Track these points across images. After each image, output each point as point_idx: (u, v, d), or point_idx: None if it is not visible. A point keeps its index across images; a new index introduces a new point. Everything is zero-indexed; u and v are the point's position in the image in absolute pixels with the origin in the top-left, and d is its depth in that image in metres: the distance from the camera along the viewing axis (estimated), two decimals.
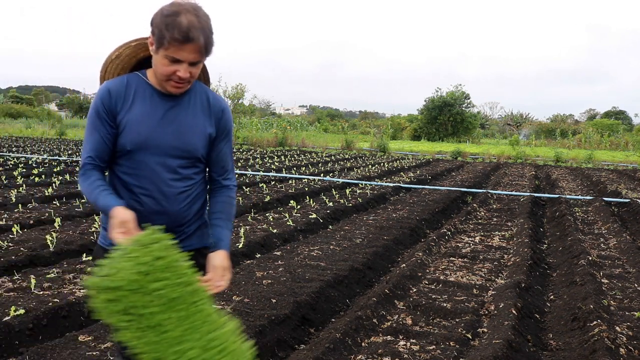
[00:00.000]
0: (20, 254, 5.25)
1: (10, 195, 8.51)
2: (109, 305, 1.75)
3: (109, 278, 1.74)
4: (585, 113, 68.33)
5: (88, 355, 3.30)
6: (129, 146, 2.03)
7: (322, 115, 66.11)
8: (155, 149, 2.05)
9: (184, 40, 1.90)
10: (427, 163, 20.09)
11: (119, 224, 1.88)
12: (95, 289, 1.75)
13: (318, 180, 12.54)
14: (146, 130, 2.03)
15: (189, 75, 1.99)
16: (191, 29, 1.89)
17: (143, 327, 1.78)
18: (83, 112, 59.77)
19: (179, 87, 2.02)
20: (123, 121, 2.03)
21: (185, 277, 1.86)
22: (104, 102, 2.03)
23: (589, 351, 3.56)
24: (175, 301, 1.82)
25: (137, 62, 2.18)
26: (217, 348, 1.89)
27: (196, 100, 2.13)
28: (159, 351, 1.80)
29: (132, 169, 2.06)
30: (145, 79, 2.09)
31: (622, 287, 5.25)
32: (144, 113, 2.04)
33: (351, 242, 6.58)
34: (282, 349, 3.67)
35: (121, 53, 2.13)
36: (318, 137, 32.92)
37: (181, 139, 2.07)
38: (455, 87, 42.38)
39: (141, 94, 2.06)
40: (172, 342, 1.82)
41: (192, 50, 1.93)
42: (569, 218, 8.47)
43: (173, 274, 1.82)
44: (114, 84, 2.06)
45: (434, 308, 4.45)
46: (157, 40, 1.94)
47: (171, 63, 1.95)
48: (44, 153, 17.76)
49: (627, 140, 34.14)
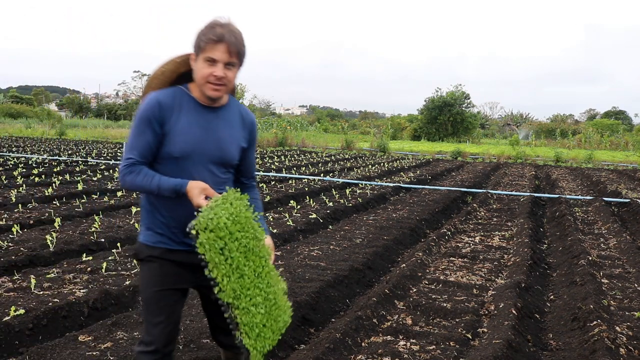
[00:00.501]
0: (20, 254, 5.25)
1: (10, 195, 8.51)
2: (212, 244, 2.08)
3: (210, 221, 2.07)
4: (585, 113, 68.37)
5: (88, 355, 3.30)
6: (175, 153, 2.27)
7: (322, 115, 66.11)
8: (199, 157, 2.30)
9: (218, 40, 2.19)
10: (427, 163, 20.09)
11: (200, 190, 2.20)
12: (200, 228, 2.07)
13: (318, 180, 12.54)
14: (192, 140, 2.28)
15: (224, 76, 2.23)
16: (224, 33, 2.21)
17: (230, 269, 2.13)
18: (83, 112, 59.80)
19: (216, 88, 2.26)
20: (171, 130, 2.27)
21: (257, 234, 2.27)
22: (154, 112, 2.26)
23: (589, 351, 3.56)
24: (250, 252, 2.22)
25: (178, 77, 2.40)
26: (273, 301, 2.29)
27: (233, 114, 2.41)
28: (236, 291, 2.15)
29: (175, 173, 2.29)
30: (189, 92, 2.33)
31: (622, 287, 5.25)
32: (190, 124, 2.29)
33: (351, 242, 6.58)
34: (282, 349, 3.67)
35: (166, 69, 2.39)
36: (318, 137, 32.91)
37: (221, 148, 2.34)
38: (455, 87, 42.40)
39: (186, 106, 2.30)
40: (246, 286, 2.19)
41: (224, 50, 2.21)
42: (569, 218, 8.47)
43: (250, 228, 2.24)
44: (163, 95, 2.30)
45: (434, 308, 4.45)
46: (196, 47, 2.24)
47: (209, 65, 2.22)
48: (44, 153, 17.77)
49: (627, 140, 34.14)
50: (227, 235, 2.12)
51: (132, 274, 4.91)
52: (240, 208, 2.22)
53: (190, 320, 3.90)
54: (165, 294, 2.34)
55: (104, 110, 59.47)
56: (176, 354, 3.36)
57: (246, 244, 2.20)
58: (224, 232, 2.11)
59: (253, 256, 2.23)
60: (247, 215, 2.25)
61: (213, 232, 2.08)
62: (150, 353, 2.33)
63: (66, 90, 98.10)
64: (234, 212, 2.17)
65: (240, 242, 2.18)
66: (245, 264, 2.19)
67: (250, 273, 2.21)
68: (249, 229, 2.24)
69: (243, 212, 2.22)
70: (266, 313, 2.26)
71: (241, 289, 2.17)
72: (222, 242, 2.11)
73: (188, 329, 3.75)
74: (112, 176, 11.90)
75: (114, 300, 4.26)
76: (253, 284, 2.22)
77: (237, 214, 2.18)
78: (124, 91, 67.72)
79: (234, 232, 2.15)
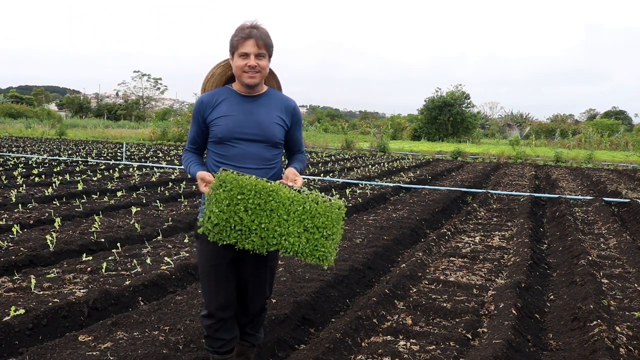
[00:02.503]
0: (20, 254, 5.25)
1: (10, 195, 8.51)
2: (229, 190, 2.56)
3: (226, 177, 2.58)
4: (585, 113, 68.34)
5: (88, 355, 3.30)
6: (220, 134, 2.77)
7: (322, 115, 66.13)
8: (242, 137, 2.77)
9: (247, 37, 2.71)
10: (427, 163, 20.09)
11: (200, 181, 2.71)
12: (218, 188, 2.57)
13: (318, 180, 12.54)
14: (232, 123, 2.77)
15: (256, 65, 2.72)
16: (252, 31, 2.72)
17: (257, 214, 2.57)
18: (83, 112, 59.78)
19: (252, 75, 2.74)
20: (214, 118, 2.79)
21: (272, 194, 2.60)
22: (199, 109, 2.84)
23: (589, 351, 3.56)
24: (271, 211, 2.60)
25: (227, 79, 2.98)
26: (318, 223, 2.64)
27: (273, 101, 2.88)
28: (268, 229, 2.59)
29: (224, 151, 2.79)
30: (231, 88, 2.87)
31: (622, 287, 5.25)
32: (231, 111, 2.79)
33: (351, 242, 6.58)
34: (282, 349, 3.67)
35: (215, 72, 2.96)
36: (318, 137, 32.92)
37: (262, 128, 2.79)
38: (455, 87, 42.43)
39: (228, 98, 2.82)
40: (275, 224, 2.60)
41: (253, 44, 2.70)
42: (569, 218, 8.47)
43: (263, 195, 2.59)
44: (206, 95, 2.86)
45: (434, 308, 4.45)
46: (231, 47, 2.77)
47: (243, 59, 2.72)
48: (44, 153, 17.76)
49: (627, 140, 34.14)
50: (244, 198, 2.57)
51: (132, 274, 4.91)
52: (244, 183, 2.59)
53: (190, 320, 3.90)
54: (216, 267, 2.80)
55: (104, 110, 59.46)
56: (176, 353, 3.37)
57: (265, 207, 2.59)
58: (241, 194, 2.57)
59: (276, 208, 2.60)
60: (254, 182, 2.59)
61: (230, 183, 2.57)
62: (206, 317, 2.85)
63: (66, 90, 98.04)
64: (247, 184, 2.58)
65: (257, 207, 2.58)
66: (268, 212, 2.59)
67: (272, 217, 2.59)
68: (260, 198, 2.59)
69: (254, 184, 2.59)
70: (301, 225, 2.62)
71: (273, 226, 2.60)
72: (246, 203, 2.57)
73: (188, 328, 3.75)
74: (112, 176, 11.90)
75: (114, 300, 4.26)
76: (282, 222, 2.60)
77: (248, 186, 2.58)
78: (124, 91, 67.69)
79: (248, 197, 2.58)
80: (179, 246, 5.98)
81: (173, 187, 10.60)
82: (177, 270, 5.01)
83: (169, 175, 12.38)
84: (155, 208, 8.25)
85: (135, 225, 6.73)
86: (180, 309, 4.14)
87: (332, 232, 2.67)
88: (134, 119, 55.87)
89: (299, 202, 2.63)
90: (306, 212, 2.63)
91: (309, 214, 2.63)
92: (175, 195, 9.44)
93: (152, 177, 11.91)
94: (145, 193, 9.82)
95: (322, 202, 2.67)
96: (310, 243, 2.64)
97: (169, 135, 29.30)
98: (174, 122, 32.55)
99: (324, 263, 2.66)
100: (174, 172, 13.27)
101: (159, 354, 3.33)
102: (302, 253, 2.64)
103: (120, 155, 18.24)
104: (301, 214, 2.62)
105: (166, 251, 5.75)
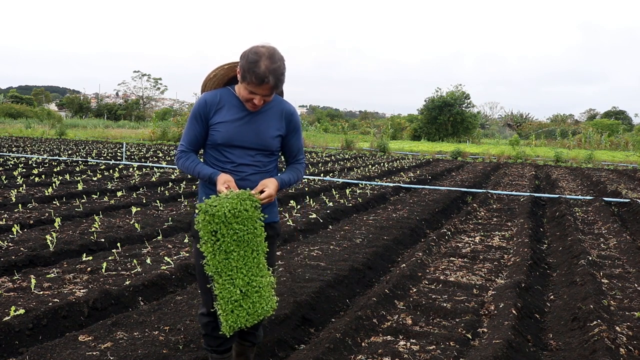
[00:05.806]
0: (20, 254, 5.25)
1: (10, 195, 8.51)
2: (206, 225, 2.50)
3: (211, 207, 2.50)
4: (585, 113, 68.31)
5: (88, 355, 3.30)
6: (219, 141, 2.75)
7: (322, 115, 66.12)
8: (240, 145, 2.75)
9: (259, 83, 2.58)
10: (427, 163, 20.09)
11: (224, 181, 2.66)
12: (200, 211, 2.50)
13: (318, 180, 12.54)
14: (233, 130, 2.74)
15: (262, 103, 2.69)
16: (266, 75, 2.56)
17: (218, 249, 2.53)
18: (83, 112, 59.78)
19: (254, 108, 2.73)
20: (215, 123, 2.75)
21: (256, 231, 2.63)
22: (202, 109, 2.77)
23: (589, 351, 3.56)
24: (243, 243, 2.59)
25: (228, 79, 2.89)
26: (256, 288, 2.65)
27: (273, 108, 2.82)
28: (219, 268, 2.55)
29: (221, 157, 2.77)
30: (234, 92, 2.80)
31: (622, 287, 5.25)
32: (232, 117, 2.74)
33: (351, 242, 6.58)
34: (282, 349, 3.67)
35: (217, 73, 2.86)
36: (318, 137, 32.93)
37: (260, 137, 2.77)
38: (455, 87, 42.42)
39: (230, 104, 2.78)
40: (229, 267, 2.57)
41: (265, 89, 2.62)
42: (569, 218, 8.47)
43: (250, 224, 2.60)
44: (210, 96, 2.80)
45: (434, 308, 4.45)
46: (241, 76, 2.64)
47: (249, 93, 2.65)
48: (44, 153, 17.76)
49: (627, 140, 34.13)
50: (222, 223, 2.51)
51: (132, 274, 4.91)
52: (248, 207, 2.59)
53: (190, 320, 3.90)
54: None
55: (104, 110, 59.46)
56: (176, 353, 3.37)
57: (241, 236, 2.58)
58: (220, 219, 2.51)
59: (245, 247, 2.61)
60: (252, 214, 2.61)
61: (211, 216, 2.49)
62: (204, 315, 2.85)
63: (66, 90, 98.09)
64: (239, 208, 2.54)
65: (235, 232, 2.55)
66: (234, 249, 2.57)
67: (237, 258, 2.58)
68: (248, 225, 2.60)
69: (249, 211, 2.59)
70: (244, 295, 2.62)
71: (223, 267, 2.55)
72: (216, 226, 2.51)
73: (188, 328, 3.75)
74: (112, 176, 11.90)
75: (114, 300, 4.26)
76: (237, 267, 2.59)
77: (240, 210, 2.55)
78: (124, 91, 67.75)
79: (232, 222, 2.53)
80: (179, 246, 5.98)
81: (173, 187, 10.60)
82: (177, 270, 5.01)
83: (169, 175, 12.38)
84: (155, 208, 8.26)
85: (135, 225, 6.73)
86: (180, 309, 4.14)
87: (252, 317, 2.68)
88: (134, 119, 55.88)
89: (261, 273, 2.70)
90: (257, 286, 2.69)
91: (257, 289, 2.69)
92: (175, 195, 9.44)
93: (152, 177, 11.91)
94: (145, 193, 9.82)
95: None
96: (235, 310, 2.64)
97: (169, 135, 29.32)
98: (174, 122, 32.57)
99: (226, 324, 2.62)
100: (174, 172, 13.27)
101: (159, 354, 3.34)
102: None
103: (120, 155, 18.24)
104: (255, 283, 2.67)
105: (166, 251, 5.75)
